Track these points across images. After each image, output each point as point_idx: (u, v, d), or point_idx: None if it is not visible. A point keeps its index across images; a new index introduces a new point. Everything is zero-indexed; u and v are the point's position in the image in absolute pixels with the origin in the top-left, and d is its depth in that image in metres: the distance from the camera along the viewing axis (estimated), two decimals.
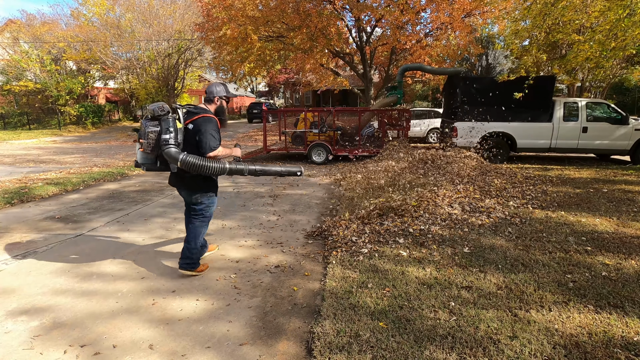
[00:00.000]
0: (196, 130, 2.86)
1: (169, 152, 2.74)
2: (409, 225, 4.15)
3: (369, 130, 10.81)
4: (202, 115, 2.92)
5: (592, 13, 7.22)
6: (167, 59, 22.65)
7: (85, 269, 3.29)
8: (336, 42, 14.04)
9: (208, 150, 2.85)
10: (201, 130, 2.85)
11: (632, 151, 8.64)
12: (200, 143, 2.85)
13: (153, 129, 2.81)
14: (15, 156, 12.34)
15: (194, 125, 2.89)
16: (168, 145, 2.75)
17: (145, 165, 2.97)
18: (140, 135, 2.88)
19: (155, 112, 2.80)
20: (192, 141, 2.88)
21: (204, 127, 2.86)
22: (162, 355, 2.14)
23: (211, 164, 2.81)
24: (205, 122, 2.89)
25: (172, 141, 2.75)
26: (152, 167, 2.99)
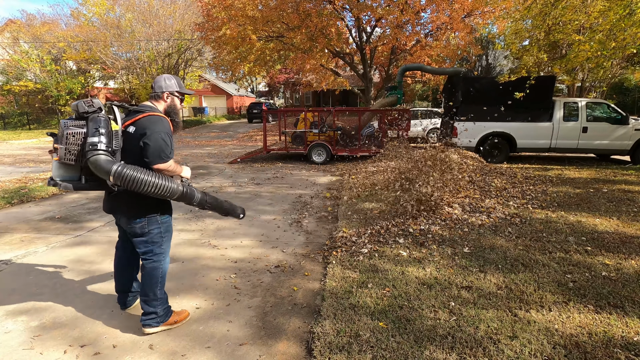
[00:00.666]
0: (140, 134, 2.11)
1: (97, 161, 1.94)
2: (409, 225, 4.15)
3: (369, 130, 10.81)
4: (149, 114, 2.19)
5: (592, 13, 7.22)
6: (167, 59, 22.66)
7: (86, 269, 3.29)
8: (336, 42, 14.04)
9: (157, 161, 2.10)
10: (147, 134, 2.10)
11: (632, 151, 8.64)
12: (147, 150, 2.09)
13: (75, 130, 2.00)
14: (15, 156, 12.34)
15: (136, 127, 2.15)
16: (96, 152, 1.95)
17: (64, 181, 2.08)
18: (58, 140, 2.05)
19: (81, 109, 2.01)
20: (134, 148, 2.12)
21: (151, 129, 2.11)
22: (162, 355, 2.14)
23: (159, 180, 2.05)
24: (153, 122, 2.14)
25: (102, 146, 1.96)
26: (75, 185, 2.10)
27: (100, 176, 2.01)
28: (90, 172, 2.04)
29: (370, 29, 15.39)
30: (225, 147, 15.05)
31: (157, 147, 2.09)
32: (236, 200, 5.71)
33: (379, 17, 13.07)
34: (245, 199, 5.80)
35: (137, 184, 1.99)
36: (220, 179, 7.63)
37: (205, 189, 6.61)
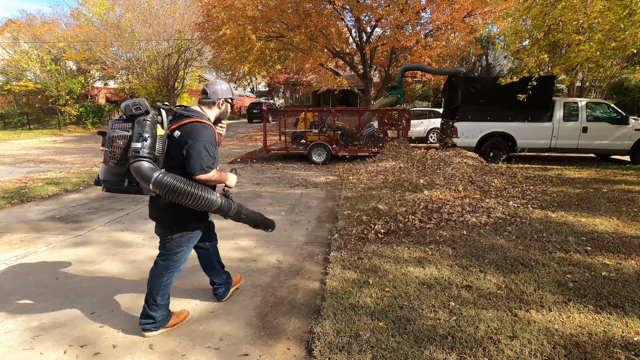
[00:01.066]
0: (184, 142, 2.06)
1: (139, 167, 1.91)
2: (409, 225, 4.15)
3: (369, 130, 10.82)
4: (195, 120, 2.10)
5: (592, 13, 7.22)
6: (167, 59, 22.65)
7: (86, 269, 3.29)
8: (336, 42, 14.05)
9: (198, 171, 2.05)
10: (190, 143, 2.04)
11: (632, 151, 8.64)
12: (189, 159, 2.04)
13: (122, 133, 1.97)
14: (15, 156, 12.34)
15: (181, 132, 2.09)
16: (138, 158, 1.91)
17: (108, 183, 2.10)
18: (104, 142, 2.03)
19: (128, 111, 1.98)
20: (177, 154, 2.08)
21: (195, 136, 2.05)
22: (162, 355, 2.14)
23: (199, 191, 2.01)
24: (199, 129, 2.08)
25: (144, 152, 1.92)
26: (118, 188, 2.12)
27: (141, 182, 1.98)
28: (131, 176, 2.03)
29: (370, 29, 15.39)
30: (225, 147, 15.05)
31: (199, 157, 2.03)
32: (236, 200, 5.70)
33: (379, 18, 13.07)
34: (246, 199, 5.80)
35: (176, 194, 1.95)
36: None
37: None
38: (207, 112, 2.28)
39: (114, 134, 1.97)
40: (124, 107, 2.00)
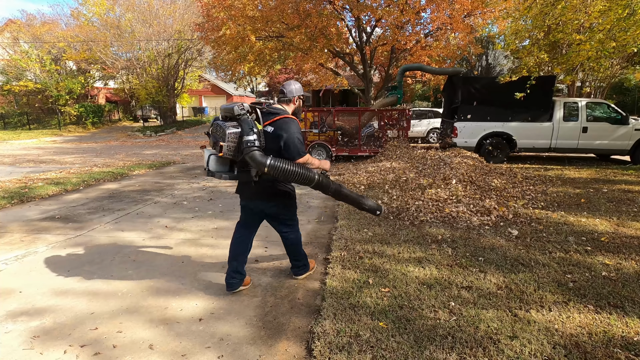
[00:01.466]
0: (278, 134, 2.51)
1: (254, 156, 2.35)
2: (409, 225, 4.15)
3: (369, 130, 10.82)
4: (284, 117, 2.58)
5: (592, 13, 7.22)
6: (167, 59, 22.64)
7: (86, 269, 3.29)
8: (336, 42, 14.04)
9: (297, 155, 2.51)
10: (284, 135, 2.50)
11: (632, 151, 8.64)
12: (288, 147, 2.50)
13: (234, 130, 2.42)
14: (15, 156, 12.34)
15: (274, 127, 2.54)
16: (252, 149, 2.35)
17: (219, 173, 2.56)
18: (216, 138, 2.49)
19: (235, 112, 2.45)
20: (272, 145, 2.51)
21: (290, 129, 2.52)
22: (162, 355, 2.14)
23: (301, 170, 2.47)
24: (289, 123, 2.55)
25: (256, 143, 2.38)
26: (230, 175, 2.59)
27: (256, 168, 2.41)
28: (242, 164, 2.52)
29: (370, 29, 15.38)
30: None
31: (294, 146, 2.51)
32: (236, 200, 5.71)
33: (379, 18, 13.06)
34: None
35: (286, 173, 2.42)
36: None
37: (205, 188, 6.61)
38: (286, 108, 2.72)
39: (229, 131, 2.40)
40: (229, 109, 2.47)
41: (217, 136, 2.48)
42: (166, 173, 8.43)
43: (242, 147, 2.38)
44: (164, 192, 6.34)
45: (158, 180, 7.45)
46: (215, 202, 5.61)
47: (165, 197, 6.02)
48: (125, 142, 17.76)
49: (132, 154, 12.99)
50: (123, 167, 8.85)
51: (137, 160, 11.00)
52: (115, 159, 11.24)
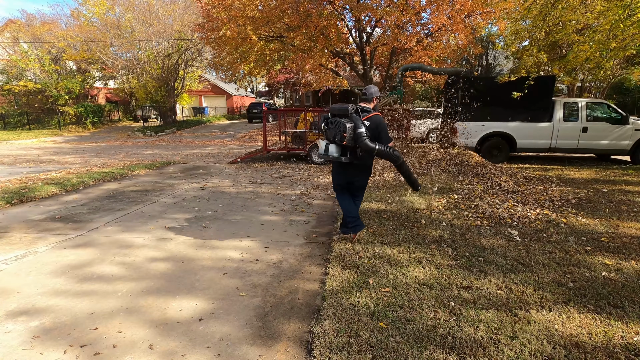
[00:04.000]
0: (374, 127, 3.38)
1: (367, 144, 3.26)
2: (408, 225, 4.14)
3: None
4: (376, 114, 3.46)
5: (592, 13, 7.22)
6: (167, 59, 22.63)
7: (86, 269, 3.29)
8: (336, 42, 14.04)
9: (389, 141, 3.45)
10: (380, 126, 3.40)
11: (632, 151, 8.64)
12: (383, 135, 3.40)
13: (349, 124, 3.27)
14: (15, 156, 12.34)
15: (370, 122, 3.38)
16: (364, 138, 3.25)
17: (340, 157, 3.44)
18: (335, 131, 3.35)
19: (348, 111, 3.33)
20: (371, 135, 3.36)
21: (381, 123, 3.42)
22: (161, 355, 2.14)
23: (393, 151, 3.42)
24: (380, 119, 3.43)
25: (366, 133, 3.27)
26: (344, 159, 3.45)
27: (367, 152, 3.35)
28: (353, 150, 3.42)
29: (371, 29, 15.39)
30: (225, 147, 15.06)
31: (387, 135, 3.44)
32: (236, 200, 5.71)
33: (379, 18, 13.07)
34: (246, 199, 5.80)
35: (386, 154, 3.38)
36: (221, 178, 7.63)
37: (205, 188, 6.61)
38: (371, 106, 3.54)
39: (349, 125, 3.27)
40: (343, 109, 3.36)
41: (337, 130, 3.34)
42: (166, 173, 8.43)
43: (355, 137, 3.28)
44: (164, 192, 6.34)
45: (158, 180, 7.45)
46: (215, 202, 5.61)
47: (165, 197, 6.02)
48: (125, 142, 17.76)
49: (132, 154, 12.98)
50: (123, 167, 8.85)
51: (137, 160, 11.00)
52: (115, 159, 11.24)
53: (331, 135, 3.42)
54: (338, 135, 3.33)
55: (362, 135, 3.25)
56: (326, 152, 3.50)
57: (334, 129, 3.36)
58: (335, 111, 3.42)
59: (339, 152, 3.46)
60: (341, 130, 3.29)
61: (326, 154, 3.51)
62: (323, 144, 3.54)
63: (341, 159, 3.44)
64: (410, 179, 3.74)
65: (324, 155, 3.53)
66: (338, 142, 3.38)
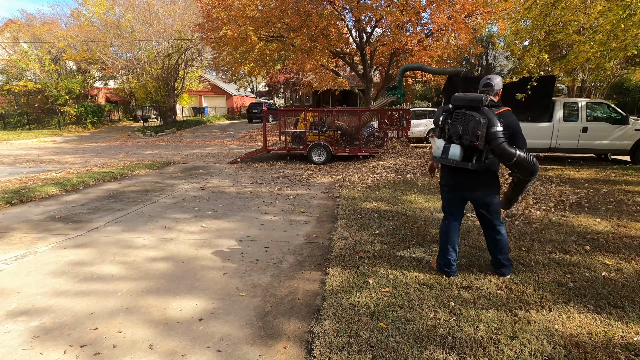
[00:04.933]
0: (506, 126, 2.55)
1: (505, 147, 2.46)
2: (408, 225, 4.14)
3: (369, 130, 10.83)
4: (507, 109, 2.64)
5: (592, 13, 7.22)
6: (167, 59, 22.63)
7: (85, 269, 3.29)
8: (336, 42, 14.04)
9: (524, 145, 2.60)
10: (514, 125, 2.59)
11: (632, 151, 8.63)
12: (518, 137, 2.60)
13: (482, 120, 2.47)
14: (15, 156, 12.34)
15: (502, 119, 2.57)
16: (501, 139, 2.45)
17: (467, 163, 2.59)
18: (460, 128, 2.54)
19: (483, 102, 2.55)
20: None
21: (515, 121, 2.61)
22: (162, 355, 2.14)
23: (532, 158, 2.57)
24: (512, 116, 2.62)
25: (503, 135, 2.46)
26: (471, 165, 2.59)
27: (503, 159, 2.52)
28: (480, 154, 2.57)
29: (371, 29, 15.39)
30: (225, 147, 15.06)
31: (522, 136, 2.61)
32: (236, 200, 5.71)
33: (379, 18, 13.07)
34: (246, 199, 5.80)
35: (527, 164, 2.53)
36: (221, 179, 7.63)
37: (205, 188, 6.61)
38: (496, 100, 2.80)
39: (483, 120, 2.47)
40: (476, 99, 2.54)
41: (466, 126, 2.52)
42: (166, 173, 8.43)
43: (489, 137, 2.47)
44: (164, 192, 6.34)
45: (158, 180, 7.45)
46: (215, 202, 5.61)
47: (165, 197, 6.02)
48: (125, 142, 17.76)
49: (132, 154, 12.98)
50: (123, 167, 8.85)
51: (137, 160, 11.00)
52: (115, 159, 11.24)
53: (455, 132, 2.58)
54: (468, 133, 2.50)
55: (498, 136, 2.44)
56: (445, 155, 2.65)
57: (463, 125, 2.53)
58: (462, 102, 2.59)
59: (463, 156, 2.61)
60: (474, 127, 2.47)
61: (445, 157, 2.65)
62: (441, 144, 2.68)
63: (467, 165, 2.59)
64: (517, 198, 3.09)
65: (442, 158, 2.68)
66: (466, 143, 2.54)
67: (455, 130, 2.59)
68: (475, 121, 2.48)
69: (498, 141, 2.46)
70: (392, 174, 7.14)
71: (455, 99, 2.67)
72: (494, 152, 2.54)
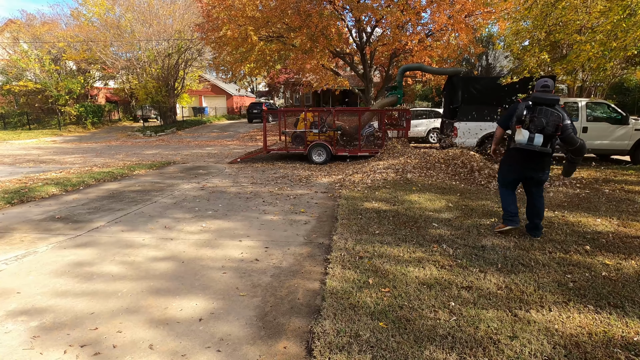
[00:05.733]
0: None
1: (574, 137, 3.36)
2: (409, 225, 4.14)
3: (369, 130, 10.83)
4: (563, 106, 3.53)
5: (593, 13, 7.22)
6: (167, 59, 22.63)
7: (85, 269, 3.29)
8: (336, 42, 14.05)
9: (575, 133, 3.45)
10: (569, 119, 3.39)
11: (632, 151, 8.63)
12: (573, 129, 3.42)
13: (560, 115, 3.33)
14: (15, 156, 12.34)
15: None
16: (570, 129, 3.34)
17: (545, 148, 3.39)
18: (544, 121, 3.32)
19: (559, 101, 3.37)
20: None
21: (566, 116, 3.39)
22: (162, 355, 2.14)
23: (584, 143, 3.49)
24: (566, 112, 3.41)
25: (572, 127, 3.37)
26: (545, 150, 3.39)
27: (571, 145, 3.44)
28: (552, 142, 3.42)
29: (371, 29, 15.40)
30: (225, 147, 15.06)
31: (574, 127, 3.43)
32: (236, 200, 5.71)
33: (379, 18, 13.07)
34: (246, 199, 5.80)
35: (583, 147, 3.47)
36: (221, 178, 7.63)
37: (205, 188, 6.61)
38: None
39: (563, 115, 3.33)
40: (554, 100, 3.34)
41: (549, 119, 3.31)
42: (166, 173, 8.43)
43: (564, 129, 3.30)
44: (164, 192, 6.34)
45: (158, 180, 7.45)
46: (215, 202, 5.61)
47: (165, 197, 6.02)
48: (125, 142, 17.76)
49: (132, 154, 12.98)
50: (123, 167, 8.85)
51: (137, 160, 11.00)
52: (115, 159, 11.24)
53: (539, 125, 3.31)
54: (551, 125, 3.28)
55: (569, 128, 3.28)
56: (530, 143, 3.36)
57: (546, 119, 3.29)
58: (542, 100, 3.32)
59: (544, 143, 3.35)
60: (556, 120, 3.27)
61: (530, 144, 3.36)
62: (526, 134, 3.37)
63: (548, 150, 3.37)
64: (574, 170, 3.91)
65: (527, 145, 3.38)
66: (549, 133, 3.30)
67: (539, 123, 3.33)
68: (557, 116, 3.29)
69: (569, 131, 3.30)
70: (392, 174, 7.14)
71: (536, 97, 3.39)
72: (564, 140, 3.34)
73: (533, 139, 3.36)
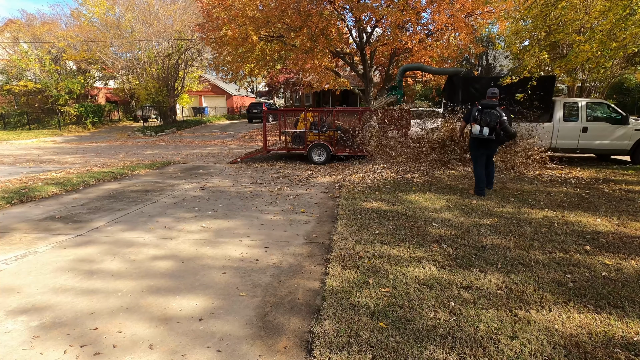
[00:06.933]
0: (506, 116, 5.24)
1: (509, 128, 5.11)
2: (409, 225, 4.14)
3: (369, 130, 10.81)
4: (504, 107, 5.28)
5: (592, 13, 7.22)
6: (167, 59, 22.63)
7: (86, 269, 3.29)
8: (336, 42, 14.05)
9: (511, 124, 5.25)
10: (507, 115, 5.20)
11: (632, 151, 8.62)
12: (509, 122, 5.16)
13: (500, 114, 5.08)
14: (15, 156, 12.34)
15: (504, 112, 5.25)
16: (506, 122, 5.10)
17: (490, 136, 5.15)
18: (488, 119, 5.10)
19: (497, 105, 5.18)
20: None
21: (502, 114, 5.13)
22: (162, 355, 2.14)
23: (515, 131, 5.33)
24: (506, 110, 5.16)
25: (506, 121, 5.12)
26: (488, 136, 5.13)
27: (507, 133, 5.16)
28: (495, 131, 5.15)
29: (371, 29, 15.39)
30: (225, 147, 15.06)
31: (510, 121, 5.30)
32: (236, 200, 5.71)
33: (379, 18, 13.07)
34: (246, 199, 5.80)
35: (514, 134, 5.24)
36: (221, 178, 7.63)
37: (205, 188, 6.61)
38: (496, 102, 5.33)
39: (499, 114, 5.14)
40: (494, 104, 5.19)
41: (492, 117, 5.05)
42: (166, 173, 8.43)
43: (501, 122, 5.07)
44: (164, 192, 6.34)
45: (158, 180, 7.45)
46: (215, 202, 5.61)
47: (165, 197, 6.02)
48: (125, 142, 17.76)
49: (132, 153, 12.99)
50: (123, 167, 8.85)
51: (137, 160, 11.00)
52: (115, 159, 11.25)
53: (485, 121, 5.04)
54: (493, 121, 5.02)
55: (505, 122, 5.03)
56: (481, 133, 5.09)
57: (489, 117, 5.03)
58: (486, 105, 5.11)
59: (489, 133, 5.08)
60: (497, 118, 5.02)
61: (481, 134, 5.10)
62: (478, 127, 5.11)
63: (492, 137, 5.12)
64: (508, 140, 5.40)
65: (480, 135, 5.12)
66: (493, 126, 5.04)
67: (485, 120, 5.08)
68: (497, 115, 5.04)
69: (506, 125, 5.06)
70: (392, 174, 7.14)
71: (482, 103, 5.15)
72: (503, 130, 5.07)
73: (482, 130, 5.10)
